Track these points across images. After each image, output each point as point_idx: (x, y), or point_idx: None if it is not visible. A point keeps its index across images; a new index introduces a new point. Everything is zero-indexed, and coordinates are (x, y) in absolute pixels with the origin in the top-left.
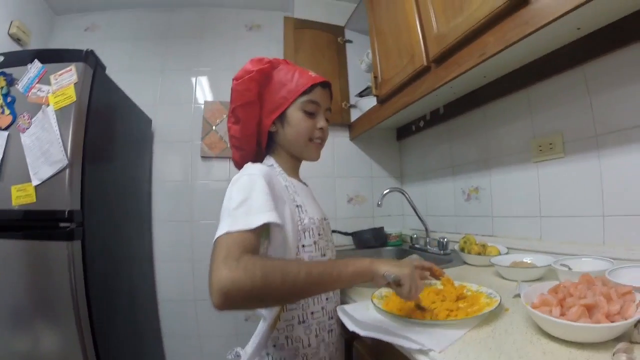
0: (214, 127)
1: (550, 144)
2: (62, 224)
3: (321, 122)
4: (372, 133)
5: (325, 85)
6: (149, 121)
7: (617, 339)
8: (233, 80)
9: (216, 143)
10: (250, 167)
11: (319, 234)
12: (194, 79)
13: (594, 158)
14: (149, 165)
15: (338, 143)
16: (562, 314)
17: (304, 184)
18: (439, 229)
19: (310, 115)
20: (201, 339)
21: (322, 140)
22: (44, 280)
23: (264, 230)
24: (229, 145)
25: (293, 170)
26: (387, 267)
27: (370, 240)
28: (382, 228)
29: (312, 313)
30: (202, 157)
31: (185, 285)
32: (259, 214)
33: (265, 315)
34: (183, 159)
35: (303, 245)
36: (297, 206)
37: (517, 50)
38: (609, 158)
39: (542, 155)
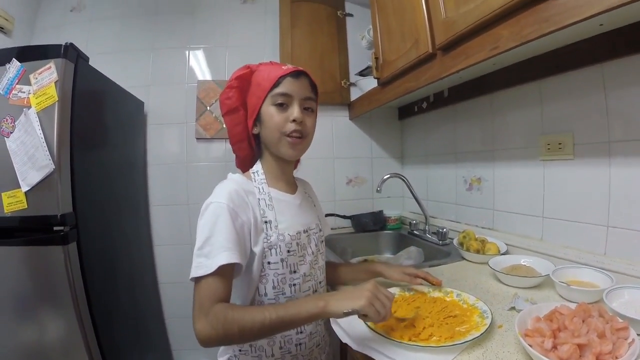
0: (208, 108)
1: (560, 143)
2: (55, 228)
3: (294, 113)
4: (373, 112)
5: (298, 75)
6: (141, 104)
7: None
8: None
9: (211, 124)
10: (218, 191)
11: (288, 251)
12: (186, 57)
13: (604, 165)
14: (143, 149)
15: (337, 122)
16: (554, 347)
17: (292, 193)
18: (439, 215)
19: (281, 107)
20: None
21: (301, 133)
22: (42, 285)
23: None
24: (224, 126)
25: (280, 175)
26: (345, 303)
27: (369, 224)
28: (381, 212)
29: None
30: (197, 138)
31: (185, 267)
32: (219, 255)
33: None
34: (178, 141)
35: (269, 262)
36: (266, 222)
37: (531, 44)
38: (620, 167)
39: (550, 154)
